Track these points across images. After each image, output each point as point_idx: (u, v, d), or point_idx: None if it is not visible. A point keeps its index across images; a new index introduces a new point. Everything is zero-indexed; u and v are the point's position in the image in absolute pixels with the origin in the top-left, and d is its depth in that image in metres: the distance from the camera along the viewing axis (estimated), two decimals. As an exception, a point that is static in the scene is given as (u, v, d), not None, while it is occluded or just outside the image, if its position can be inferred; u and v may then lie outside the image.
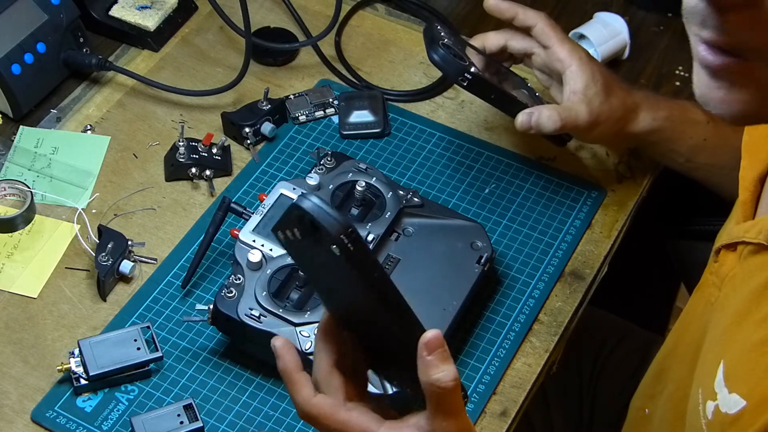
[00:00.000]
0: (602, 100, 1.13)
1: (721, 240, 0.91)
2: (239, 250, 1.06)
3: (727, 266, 0.89)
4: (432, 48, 1.11)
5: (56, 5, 1.27)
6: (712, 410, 0.82)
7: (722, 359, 0.82)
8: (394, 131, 1.28)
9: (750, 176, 0.89)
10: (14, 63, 1.23)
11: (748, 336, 0.80)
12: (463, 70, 1.10)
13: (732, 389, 0.80)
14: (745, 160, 0.91)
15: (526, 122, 1.13)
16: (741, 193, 0.90)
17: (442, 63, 1.11)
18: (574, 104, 1.12)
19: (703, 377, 0.86)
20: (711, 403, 0.82)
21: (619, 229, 1.21)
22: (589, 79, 1.12)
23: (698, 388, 0.86)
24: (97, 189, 1.21)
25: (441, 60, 1.10)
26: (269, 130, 1.25)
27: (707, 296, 0.92)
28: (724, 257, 0.90)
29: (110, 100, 1.30)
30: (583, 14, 1.38)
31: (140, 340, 1.05)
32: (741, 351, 0.81)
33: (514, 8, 1.15)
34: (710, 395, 0.82)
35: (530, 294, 1.14)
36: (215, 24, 1.38)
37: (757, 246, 0.83)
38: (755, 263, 0.83)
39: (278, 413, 1.04)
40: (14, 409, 1.04)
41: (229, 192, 1.21)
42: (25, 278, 1.13)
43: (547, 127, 1.12)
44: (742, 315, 0.82)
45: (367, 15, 1.42)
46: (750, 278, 0.83)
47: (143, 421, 1.00)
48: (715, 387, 0.82)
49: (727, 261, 0.89)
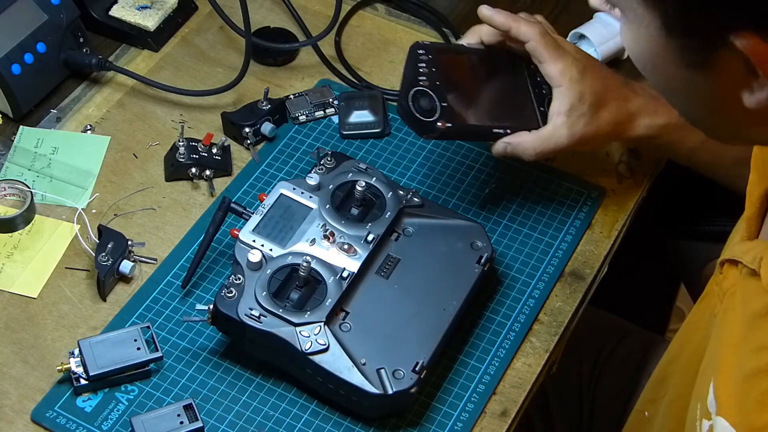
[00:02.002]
0: (587, 122, 1.11)
1: (725, 254, 0.91)
2: (239, 250, 1.06)
3: (729, 281, 0.89)
4: (402, 97, 1.08)
5: (56, 5, 1.27)
6: (707, 430, 0.82)
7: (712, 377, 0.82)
8: (394, 131, 1.28)
9: (757, 192, 0.89)
10: (14, 63, 1.23)
11: (740, 363, 0.80)
12: (429, 129, 1.08)
13: (720, 412, 0.80)
14: (753, 175, 0.91)
15: (501, 152, 1.13)
16: (747, 208, 0.90)
17: (408, 120, 1.09)
18: (556, 129, 1.11)
19: (699, 393, 0.86)
20: (706, 422, 0.82)
21: (619, 229, 1.21)
22: (576, 100, 1.11)
23: (696, 403, 0.86)
24: (97, 189, 1.21)
25: (406, 116, 1.08)
26: (269, 130, 1.25)
27: (711, 307, 0.92)
28: (727, 271, 0.90)
29: (110, 100, 1.30)
30: (583, 14, 1.38)
31: (140, 340, 1.05)
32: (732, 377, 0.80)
33: (508, 21, 1.13)
34: (705, 414, 0.83)
35: (530, 294, 1.14)
36: (215, 24, 1.38)
37: (752, 270, 0.83)
38: (751, 287, 0.83)
39: (278, 413, 1.04)
40: (14, 409, 1.04)
41: (229, 192, 1.21)
42: (25, 278, 1.13)
43: (523, 158, 1.13)
44: (737, 339, 0.82)
45: (367, 15, 1.42)
46: (747, 302, 0.83)
47: (143, 421, 1.00)
48: (708, 405, 0.82)
49: (729, 275, 0.89)
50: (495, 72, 1.17)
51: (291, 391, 1.06)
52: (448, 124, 1.08)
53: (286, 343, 1.01)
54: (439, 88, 1.09)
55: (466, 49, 1.16)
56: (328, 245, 1.07)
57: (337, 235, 1.08)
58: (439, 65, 1.10)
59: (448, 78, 1.10)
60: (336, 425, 1.04)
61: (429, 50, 1.11)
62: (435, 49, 1.12)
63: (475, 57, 1.16)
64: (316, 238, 1.07)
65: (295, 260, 1.05)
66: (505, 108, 1.15)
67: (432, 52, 1.11)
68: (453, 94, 1.10)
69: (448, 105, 1.08)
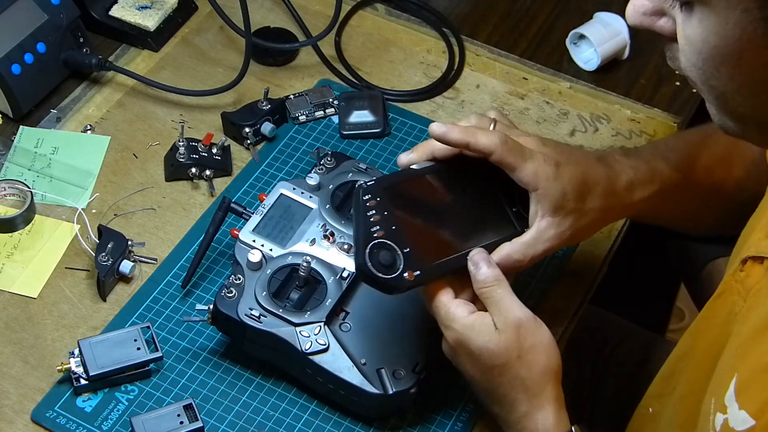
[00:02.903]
0: (576, 218, 1.00)
1: (749, 251, 0.90)
2: (239, 250, 1.06)
3: (753, 278, 0.89)
4: (358, 258, 0.94)
5: (56, 5, 1.27)
6: (721, 423, 0.82)
7: (736, 373, 0.82)
8: (394, 131, 1.28)
9: None
10: (14, 63, 1.23)
11: (763, 354, 0.80)
12: (396, 286, 0.95)
13: (742, 406, 0.80)
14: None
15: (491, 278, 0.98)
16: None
17: (371, 283, 0.95)
18: (541, 232, 0.99)
19: (716, 388, 0.85)
20: (720, 415, 0.82)
21: (619, 229, 1.21)
22: (559, 198, 0.99)
23: (711, 398, 0.85)
24: (97, 189, 1.21)
25: (367, 279, 0.95)
26: (269, 130, 1.25)
27: (731, 305, 0.92)
28: (750, 268, 0.89)
29: (110, 100, 1.30)
30: (583, 14, 1.38)
31: (140, 340, 1.05)
32: (755, 369, 0.80)
33: (464, 137, 0.98)
34: (721, 408, 0.82)
35: (530, 294, 1.14)
36: (215, 24, 1.38)
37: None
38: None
39: (278, 413, 1.04)
40: (14, 409, 1.04)
41: (229, 192, 1.21)
42: (25, 278, 1.13)
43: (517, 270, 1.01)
44: (761, 332, 0.82)
45: (367, 15, 1.42)
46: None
47: (143, 421, 1.00)
48: (725, 400, 0.82)
49: (753, 273, 0.89)
50: (454, 187, 1.02)
51: (291, 391, 1.06)
52: (416, 273, 0.95)
53: (286, 343, 1.01)
54: (396, 234, 0.96)
55: (416, 172, 1.01)
56: (328, 245, 1.07)
57: (337, 235, 1.08)
58: (391, 205, 0.97)
59: (404, 216, 0.97)
60: (336, 425, 1.04)
61: (375, 192, 0.97)
62: (382, 187, 0.98)
63: (428, 179, 1.01)
64: (316, 238, 1.07)
65: (295, 260, 1.05)
66: (475, 223, 1.01)
67: (379, 193, 0.97)
68: (414, 233, 0.97)
69: (411, 250, 0.95)
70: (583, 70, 1.37)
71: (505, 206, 1.02)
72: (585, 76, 1.36)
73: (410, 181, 1.01)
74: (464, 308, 0.95)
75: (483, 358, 0.93)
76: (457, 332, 0.94)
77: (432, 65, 1.36)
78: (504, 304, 0.94)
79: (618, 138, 1.29)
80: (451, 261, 0.97)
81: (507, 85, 1.35)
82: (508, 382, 0.94)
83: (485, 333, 0.93)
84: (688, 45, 0.76)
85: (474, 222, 1.01)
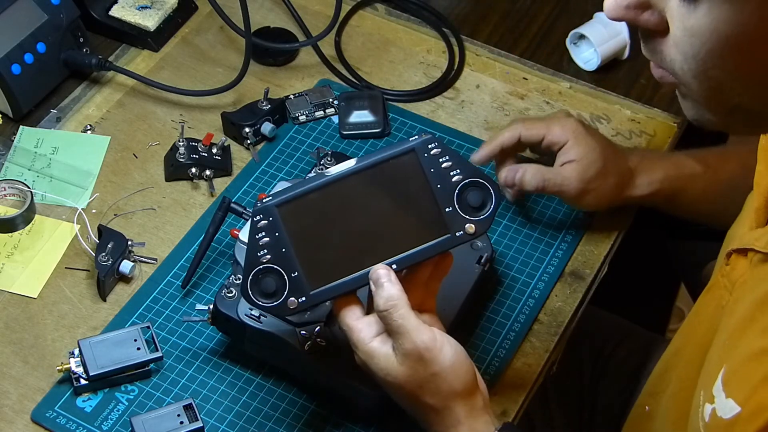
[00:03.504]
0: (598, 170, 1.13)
1: (733, 244, 0.91)
2: (239, 250, 1.06)
3: (738, 271, 0.89)
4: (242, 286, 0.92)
5: (56, 5, 1.27)
6: (709, 413, 0.82)
7: (724, 364, 0.82)
8: (394, 131, 1.28)
9: (765, 182, 0.89)
10: (14, 63, 1.23)
11: (749, 344, 0.80)
12: (280, 314, 0.95)
13: (729, 395, 0.80)
14: (761, 165, 0.90)
15: (510, 179, 1.14)
16: (756, 198, 0.89)
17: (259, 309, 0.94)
18: (565, 169, 1.13)
19: (705, 380, 0.86)
20: (709, 406, 0.82)
21: (619, 229, 1.21)
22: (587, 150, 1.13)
23: (700, 390, 0.86)
24: (97, 189, 1.21)
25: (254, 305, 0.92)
26: (269, 130, 1.25)
27: (718, 299, 0.92)
28: (735, 261, 0.90)
29: (110, 100, 1.30)
30: (583, 14, 1.38)
31: (140, 340, 1.05)
32: (741, 358, 0.81)
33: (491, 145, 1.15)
34: (709, 398, 0.83)
35: (530, 294, 1.14)
36: (215, 24, 1.38)
37: (765, 255, 0.83)
38: (764, 271, 0.83)
39: (278, 413, 1.04)
40: (14, 409, 1.04)
41: (229, 192, 1.21)
42: (25, 278, 1.13)
43: (530, 185, 1.13)
44: (746, 322, 0.82)
45: (367, 15, 1.42)
46: (757, 286, 0.83)
47: (143, 421, 1.00)
48: (713, 391, 0.82)
49: (738, 266, 0.89)
50: (370, 195, 0.93)
51: (291, 391, 1.06)
52: (301, 300, 0.91)
53: (286, 343, 1.01)
54: (285, 257, 0.91)
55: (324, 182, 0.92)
56: (328, 245, 1.07)
57: (337, 235, 1.07)
58: (285, 224, 0.91)
59: (299, 235, 0.92)
60: (336, 425, 1.04)
61: (267, 212, 0.91)
62: (276, 205, 0.91)
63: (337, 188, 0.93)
64: (315, 238, 1.07)
65: (294, 260, 1.04)
66: (393, 233, 0.93)
67: (271, 213, 0.91)
68: (308, 253, 0.92)
69: (300, 274, 0.91)
70: (583, 70, 1.37)
71: (440, 207, 0.93)
72: (585, 76, 1.36)
73: (315, 194, 0.92)
74: (367, 332, 0.91)
75: (386, 386, 0.92)
76: (360, 357, 0.92)
77: (432, 65, 1.36)
78: (403, 330, 0.89)
79: (618, 138, 1.29)
80: (353, 280, 0.92)
81: (507, 85, 1.35)
82: (415, 406, 0.93)
83: (384, 364, 0.91)
84: (690, 36, 0.74)
85: (391, 232, 0.93)
